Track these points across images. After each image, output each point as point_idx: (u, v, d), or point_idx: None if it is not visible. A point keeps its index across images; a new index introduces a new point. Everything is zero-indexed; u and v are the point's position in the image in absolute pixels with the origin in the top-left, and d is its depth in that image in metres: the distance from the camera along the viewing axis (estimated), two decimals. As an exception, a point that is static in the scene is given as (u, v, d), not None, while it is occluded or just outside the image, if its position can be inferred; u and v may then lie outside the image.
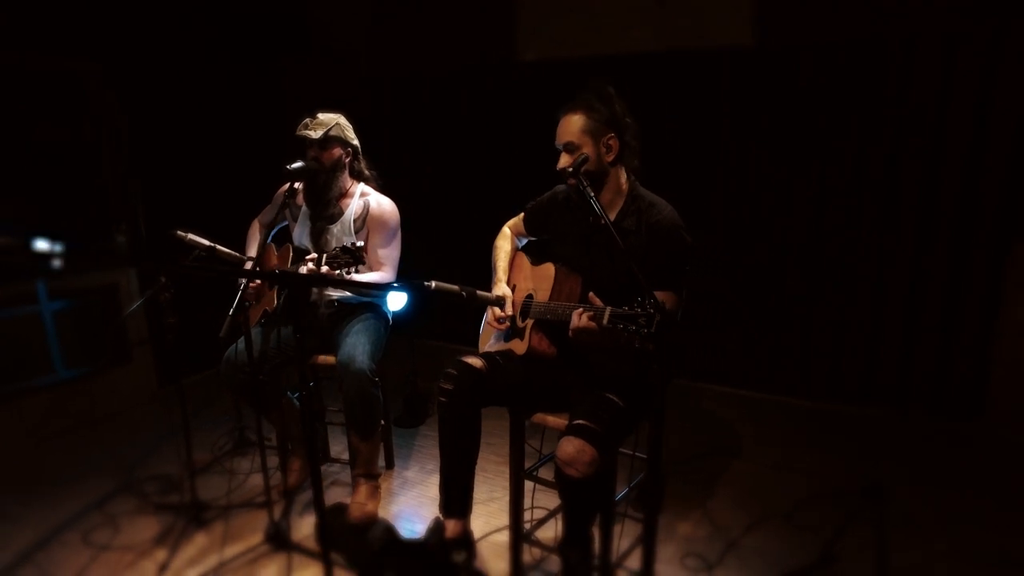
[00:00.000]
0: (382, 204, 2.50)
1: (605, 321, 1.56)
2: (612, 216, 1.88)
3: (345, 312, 2.50)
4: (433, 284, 1.56)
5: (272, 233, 2.73)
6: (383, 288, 2.07)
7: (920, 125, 3.03)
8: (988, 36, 2.85)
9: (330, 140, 2.39)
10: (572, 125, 1.82)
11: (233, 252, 2.36)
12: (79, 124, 3.44)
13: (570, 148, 1.81)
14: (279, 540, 2.31)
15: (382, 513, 2.49)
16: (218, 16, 3.96)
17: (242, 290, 2.10)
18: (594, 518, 1.82)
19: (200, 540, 2.37)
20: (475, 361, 1.87)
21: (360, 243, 2.17)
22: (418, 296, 3.01)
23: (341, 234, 2.49)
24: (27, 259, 2.41)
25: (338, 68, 4.45)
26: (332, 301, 2.52)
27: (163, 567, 2.22)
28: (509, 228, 2.26)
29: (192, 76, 3.84)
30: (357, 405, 2.26)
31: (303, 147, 2.42)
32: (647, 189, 1.95)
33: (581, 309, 1.64)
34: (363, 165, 2.58)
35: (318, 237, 2.49)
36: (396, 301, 2.96)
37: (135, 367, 3.59)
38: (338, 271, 2.15)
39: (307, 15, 4.43)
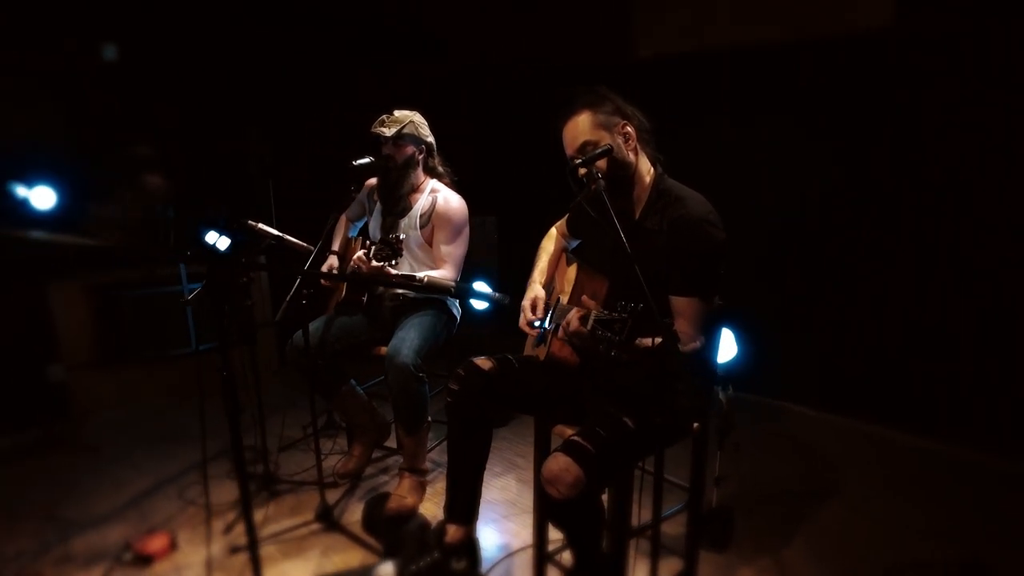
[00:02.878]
0: (449, 201, 2.52)
1: (589, 325, 1.41)
2: (637, 214, 1.72)
3: (408, 306, 2.56)
4: (425, 278, 1.53)
5: (359, 227, 2.90)
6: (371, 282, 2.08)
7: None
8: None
9: (403, 138, 2.46)
10: (581, 125, 1.68)
11: (300, 242, 2.52)
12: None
13: (587, 150, 1.66)
14: (327, 520, 2.42)
15: (435, 511, 2.50)
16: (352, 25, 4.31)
17: (299, 279, 2.24)
18: (591, 544, 1.66)
19: (267, 509, 2.56)
20: (484, 363, 1.80)
21: (403, 236, 2.21)
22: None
23: (408, 228, 2.55)
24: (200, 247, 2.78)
25: (471, 70, 4.59)
26: (396, 294, 2.58)
27: (228, 528, 2.43)
28: (556, 229, 2.15)
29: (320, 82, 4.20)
30: (400, 399, 2.30)
31: (379, 145, 2.51)
32: (691, 181, 1.75)
33: (575, 311, 1.50)
34: (437, 162, 2.62)
35: (388, 231, 2.57)
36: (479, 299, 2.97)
37: (260, 347, 3.98)
38: (383, 263, 2.21)
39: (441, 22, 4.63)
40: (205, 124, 4.05)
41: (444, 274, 2.48)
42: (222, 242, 2.96)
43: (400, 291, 2.58)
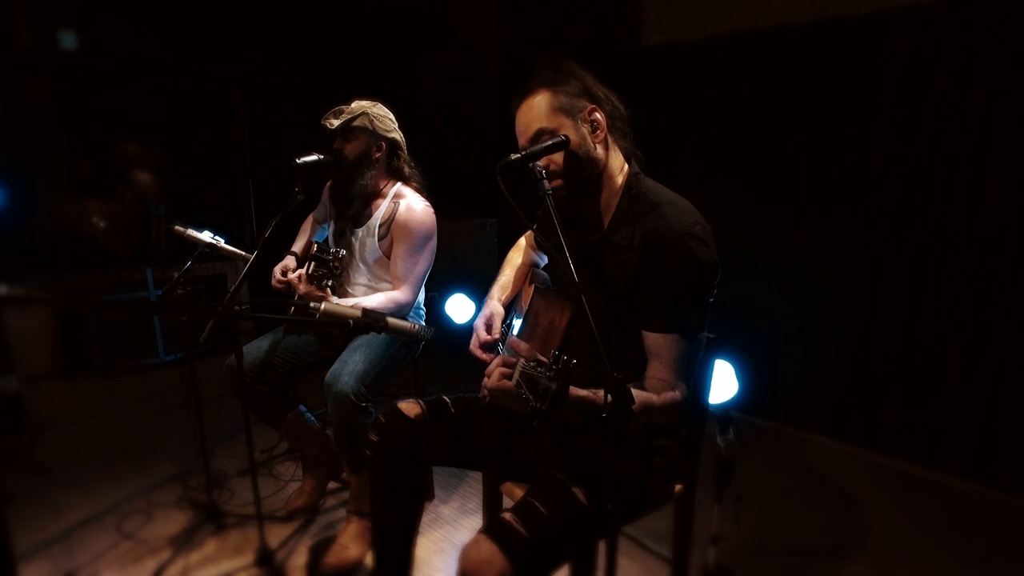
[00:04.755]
0: (412, 209, 2.19)
1: (514, 380, 1.07)
2: (606, 224, 1.38)
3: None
4: (322, 306, 1.21)
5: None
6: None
7: None
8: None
9: (354, 131, 2.15)
10: (536, 109, 1.34)
11: (236, 250, 2.22)
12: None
13: (544, 141, 1.31)
14: (268, 564, 2.13)
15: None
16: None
17: (231, 295, 1.96)
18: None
19: (208, 547, 2.28)
20: (410, 407, 1.46)
21: (343, 252, 1.91)
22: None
23: (365, 238, 2.25)
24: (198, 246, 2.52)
25: (474, 60, 4.29)
26: (351, 312, 2.28)
27: (159, 569, 2.16)
28: (525, 239, 1.81)
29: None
30: (341, 432, 1.99)
31: (331, 139, 2.21)
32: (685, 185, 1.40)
33: (499, 359, 1.16)
34: (403, 162, 2.30)
35: (339, 239, 2.28)
36: (460, 312, 2.66)
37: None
38: (323, 284, 1.92)
39: (446, 9, 4.34)
40: (187, 122, 3.84)
41: (398, 296, 2.17)
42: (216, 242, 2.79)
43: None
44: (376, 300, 2.12)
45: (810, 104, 2.80)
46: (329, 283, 1.91)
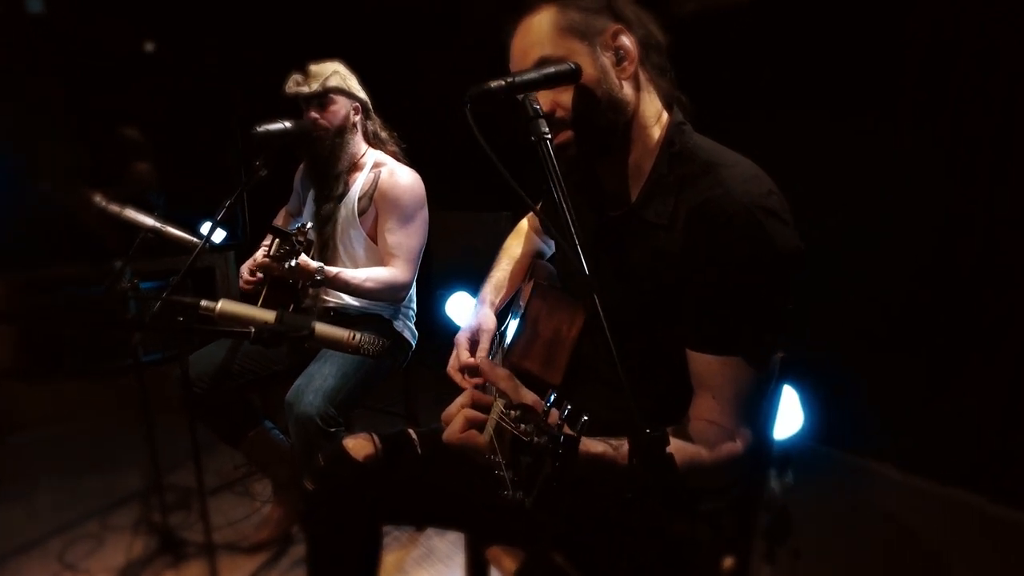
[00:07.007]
0: (396, 175, 1.86)
1: (485, 434, 0.68)
2: (634, 195, 0.97)
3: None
4: (218, 306, 0.84)
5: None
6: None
7: None
8: None
9: (331, 92, 1.81)
10: (537, 31, 0.93)
11: (184, 235, 1.86)
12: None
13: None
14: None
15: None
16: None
17: (171, 289, 1.61)
18: None
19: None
20: (360, 446, 1.07)
21: (309, 224, 1.56)
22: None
23: (347, 227, 1.90)
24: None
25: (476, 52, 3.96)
26: (328, 309, 1.92)
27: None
28: (528, 222, 1.42)
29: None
30: (304, 461, 1.62)
31: (300, 110, 1.87)
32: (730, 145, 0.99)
33: (465, 395, 0.77)
34: (378, 125, 1.96)
35: (325, 224, 1.93)
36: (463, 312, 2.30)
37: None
38: (285, 265, 1.57)
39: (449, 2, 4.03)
40: (187, 121, 3.62)
41: (394, 272, 1.83)
42: (217, 234, 2.54)
43: (332, 304, 1.91)
44: (368, 274, 1.79)
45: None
46: (294, 263, 1.56)
